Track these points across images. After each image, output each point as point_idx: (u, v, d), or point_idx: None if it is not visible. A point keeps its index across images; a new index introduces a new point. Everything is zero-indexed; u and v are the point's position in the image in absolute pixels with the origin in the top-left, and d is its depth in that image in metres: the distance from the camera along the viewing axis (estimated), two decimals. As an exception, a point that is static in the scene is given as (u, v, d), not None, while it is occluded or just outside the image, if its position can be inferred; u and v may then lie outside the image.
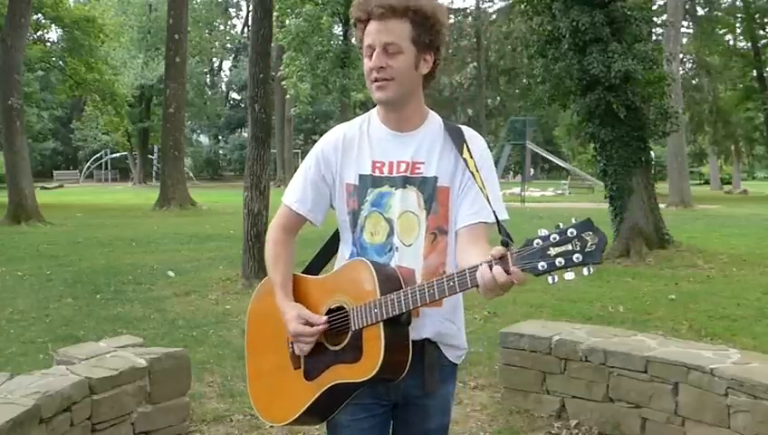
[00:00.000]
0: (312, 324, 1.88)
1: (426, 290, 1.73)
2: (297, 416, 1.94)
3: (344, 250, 2.01)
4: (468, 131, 1.96)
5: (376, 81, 1.84)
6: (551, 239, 1.57)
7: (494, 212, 1.80)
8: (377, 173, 1.92)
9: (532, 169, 46.71)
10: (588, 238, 1.55)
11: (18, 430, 2.75)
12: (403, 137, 1.93)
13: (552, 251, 1.56)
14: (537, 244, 1.58)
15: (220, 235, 13.83)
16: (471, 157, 1.89)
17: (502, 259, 1.59)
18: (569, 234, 1.56)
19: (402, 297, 1.76)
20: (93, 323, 6.51)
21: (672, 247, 10.98)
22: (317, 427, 3.86)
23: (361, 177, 1.93)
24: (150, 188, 33.39)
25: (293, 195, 2.01)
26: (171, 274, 9.25)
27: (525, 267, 1.58)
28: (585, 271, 1.55)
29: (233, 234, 12.77)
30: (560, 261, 1.55)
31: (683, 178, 25.19)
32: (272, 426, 3.94)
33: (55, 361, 3.77)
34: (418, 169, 1.91)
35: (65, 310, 7.12)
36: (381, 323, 1.77)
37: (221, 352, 5.51)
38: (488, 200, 1.84)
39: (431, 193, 1.90)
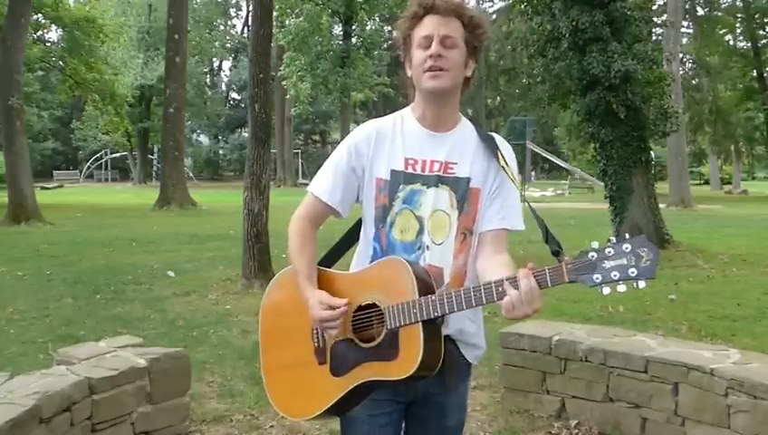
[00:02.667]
0: (333, 308, 1.85)
1: (472, 294, 1.74)
2: (320, 412, 1.91)
3: (366, 245, 1.99)
4: (500, 139, 2.01)
5: (431, 69, 1.86)
6: (606, 253, 1.62)
7: (546, 230, 1.85)
8: (409, 170, 1.92)
9: (533, 172, 46.74)
10: (643, 254, 1.60)
11: (18, 430, 2.75)
12: (437, 136, 1.95)
13: (607, 264, 1.62)
14: (592, 256, 1.63)
15: (220, 235, 13.82)
16: (507, 165, 1.94)
17: (551, 273, 1.65)
18: (624, 249, 1.61)
19: (445, 300, 1.76)
20: (93, 323, 6.51)
21: (672, 247, 10.99)
22: (317, 426, 3.88)
23: (393, 172, 1.92)
24: (150, 188, 33.38)
25: (323, 185, 1.98)
26: (171, 274, 9.25)
27: (580, 279, 1.63)
28: (638, 284, 1.61)
29: (233, 234, 12.76)
30: (615, 274, 1.61)
31: (683, 178, 25.22)
32: (272, 426, 3.95)
33: (55, 361, 3.77)
34: (451, 168, 1.92)
35: (65, 310, 7.12)
36: (420, 323, 1.77)
37: (221, 352, 5.51)
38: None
39: (463, 193, 1.92)
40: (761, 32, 33.25)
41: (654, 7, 19.37)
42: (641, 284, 1.60)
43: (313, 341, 1.94)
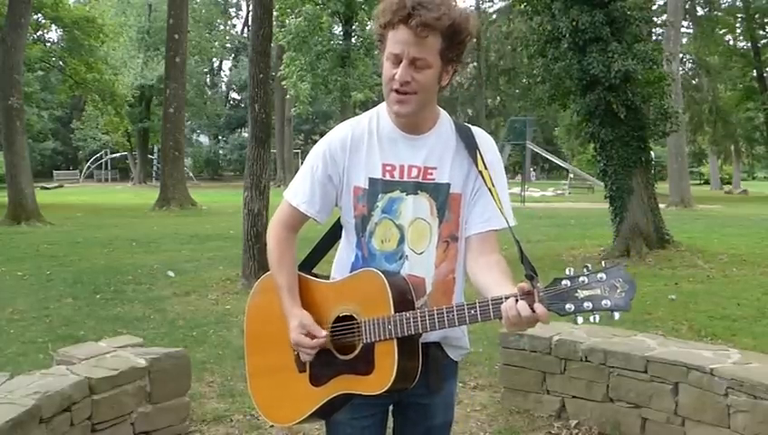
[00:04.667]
0: (313, 336, 1.84)
1: (445, 315, 1.70)
2: (301, 420, 1.93)
3: (348, 252, 1.96)
4: (479, 134, 1.93)
5: (397, 92, 1.77)
6: (579, 281, 1.56)
7: (521, 253, 1.75)
8: (387, 177, 1.86)
9: (532, 171, 46.71)
10: (618, 285, 1.54)
11: (18, 430, 2.75)
12: (415, 140, 1.88)
13: (581, 294, 1.55)
14: (565, 284, 1.57)
15: (220, 235, 13.82)
16: (486, 168, 1.87)
17: (527, 294, 1.58)
18: (598, 278, 1.55)
19: (419, 319, 1.73)
20: (93, 323, 6.51)
21: (672, 247, 10.98)
22: (317, 426, 3.87)
23: (372, 180, 1.87)
24: (150, 188, 33.40)
25: (301, 195, 1.93)
26: (171, 274, 9.25)
27: (551, 307, 1.57)
28: (613, 316, 1.55)
29: (233, 234, 12.77)
30: (588, 305, 1.54)
31: (683, 178, 25.23)
32: (271, 426, 3.94)
33: (55, 361, 3.77)
34: (431, 174, 1.86)
35: (65, 310, 7.12)
36: (395, 340, 1.75)
37: (221, 352, 5.51)
38: (500, 207, 1.85)
39: (444, 200, 1.87)
40: (761, 32, 33.22)
41: (654, 7, 19.38)
42: (616, 315, 1.54)
43: (294, 349, 1.94)
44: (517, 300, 1.58)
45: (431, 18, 1.69)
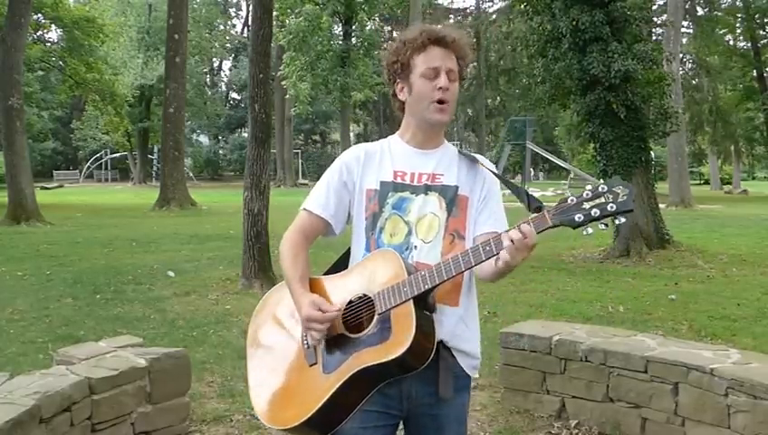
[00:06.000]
0: (324, 311, 1.87)
1: (460, 258, 1.79)
2: (310, 415, 1.86)
3: (356, 257, 2.02)
4: (481, 157, 2.09)
5: (441, 102, 1.95)
6: (584, 195, 1.72)
7: (526, 193, 1.89)
8: (398, 180, 2.00)
9: (532, 171, 46.68)
10: (619, 191, 1.69)
11: (18, 430, 2.75)
12: (424, 153, 2.04)
13: (587, 205, 1.71)
14: (571, 200, 1.73)
15: (220, 235, 13.82)
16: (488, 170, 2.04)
17: (534, 220, 1.74)
18: (600, 189, 1.71)
19: (435, 271, 1.81)
20: (93, 323, 6.51)
21: (672, 247, 10.99)
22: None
23: (383, 183, 2.00)
24: (150, 188, 33.39)
25: (316, 201, 2.05)
26: (171, 274, 9.25)
27: (564, 220, 1.73)
28: (619, 220, 1.72)
29: (233, 234, 12.77)
30: (595, 211, 1.70)
31: (683, 178, 25.21)
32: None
33: (55, 361, 3.77)
34: (438, 178, 2.00)
35: (65, 310, 7.12)
36: (411, 302, 1.80)
37: (221, 352, 5.51)
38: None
39: (452, 198, 1.98)
40: (761, 32, 33.18)
41: (654, 7, 19.37)
42: (622, 219, 1.70)
43: (304, 343, 1.95)
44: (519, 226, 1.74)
45: (459, 34, 1.99)
